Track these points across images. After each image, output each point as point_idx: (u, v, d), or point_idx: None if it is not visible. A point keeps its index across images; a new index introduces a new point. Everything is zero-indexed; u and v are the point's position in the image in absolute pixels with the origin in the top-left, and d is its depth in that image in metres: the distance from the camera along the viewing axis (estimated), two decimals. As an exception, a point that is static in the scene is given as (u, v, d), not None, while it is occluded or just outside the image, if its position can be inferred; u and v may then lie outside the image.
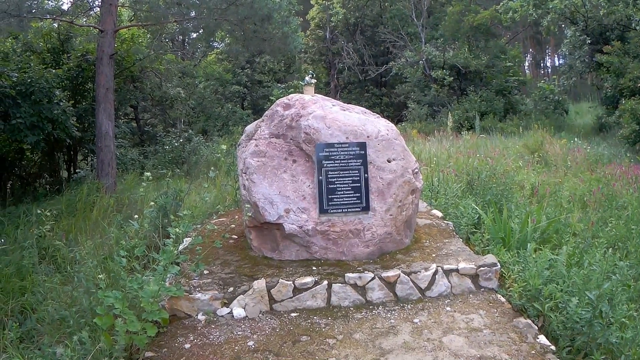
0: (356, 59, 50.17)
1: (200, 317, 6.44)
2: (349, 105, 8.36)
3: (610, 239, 8.40)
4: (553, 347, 5.64)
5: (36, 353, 5.29)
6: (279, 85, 31.25)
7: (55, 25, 19.80)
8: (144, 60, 22.44)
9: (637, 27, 25.68)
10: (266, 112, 8.20)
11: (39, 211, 8.59)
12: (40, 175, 18.21)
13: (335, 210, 7.33)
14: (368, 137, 7.54)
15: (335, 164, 7.40)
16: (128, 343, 5.36)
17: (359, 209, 7.41)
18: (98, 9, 19.08)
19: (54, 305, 6.10)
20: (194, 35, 36.19)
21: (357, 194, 7.38)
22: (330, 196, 7.32)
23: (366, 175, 7.43)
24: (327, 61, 54.13)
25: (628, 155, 18.09)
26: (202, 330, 6.14)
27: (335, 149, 7.41)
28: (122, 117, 26.62)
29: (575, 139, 21.53)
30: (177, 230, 5.94)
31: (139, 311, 5.53)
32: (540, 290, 6.33)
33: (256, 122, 8.36)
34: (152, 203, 8.38)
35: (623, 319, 5.43)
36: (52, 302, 6.23)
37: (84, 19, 22.49)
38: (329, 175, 7.40)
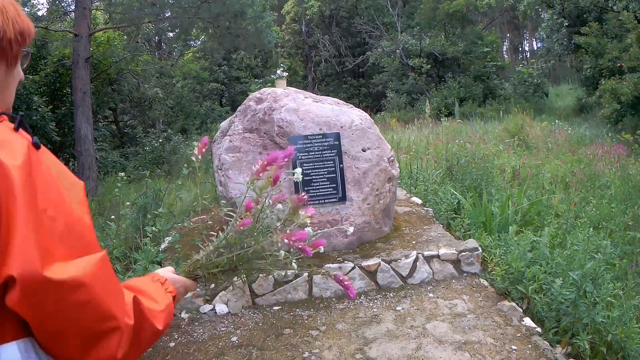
0: (333, 51, 50.26)
1: (184, 315, 6.40)
2: (322, 96, 8.31)
3: (593, 218, 8.40)
4: (539, 329, 5.61)
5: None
6: (257, 80, 31.30)
7: (32, 31, 19.75)
8: (120, 62, 22.41)
9: (614, 7, 25.72)
10: (239, 107, 8.15)
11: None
12: (23, 183, 18.11)
13: (312, 202, 7.21)
14: (342, 127, 7.50)
15: (310, 156, 7.36)
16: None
17: (335, 200, 7.38)
18: (73, 13, 19.04)
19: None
20: (171, 35, 36.18)
21: (333, 185, 7.34)
22: (306, 188, 7.25)
23: (341, 165, 7.39)
24: (303, 54, 54.25)
25: (610, 135, 18.12)
26: (186, 328, 6.12)
27: (309, 141, 7.36)
28: (102, 120, 26.61)
29: (556, 121, 21.60)
30: (154, 228, 5.91)
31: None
32: (524, 272, 6.29)
33: (230, 118, 8.33)
34: (128, 203, 8.34)
35: (609, 298, 5.40)
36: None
37: (60, 24, 22.41)
38: (304, 167, 7.34)
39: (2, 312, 1.52)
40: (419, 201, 9.87)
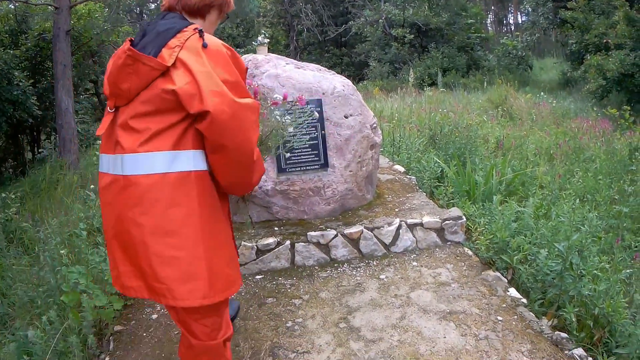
0: (315, 20, 50.34)
1: (167, 286, 6.30)
2: (304, 63, 8.18)
3: (578, 190, 8.38)
4: (524, 300, 5.56)
5: (9, 338, 5.17)
6: (239, 50, 31.25)
7: (12, 6, 19.67)
8: (101, 33, 22.27)
9: (602, -16, 25.81)
10: (220, 74, 8.05)
11: (3, 195, 8.48)
12: (5, 160, 18.20)
13: (293, 169, 7.15)
14: (323, 94, 7.36)
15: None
16: (96, 318, 5.25)
17: (317, 167, 7.25)
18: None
19: (23, 288, 5.98)
20: (152, 6, 36.14)
21: (315, 152, 7.20)
22: (287, 155, 7.13)
23: (323, 132, 7.26)
24: (286, 24, 54.35)
25: (595, 109, 18.20)
26: (169, 300, 6.01)
27: (291, 107, 7.19)
28: (83, 93, 26.36)
29: (541, 94, 21.62)
30: None
31: (105, 285, 5.48)
32: (508, 242, 6.26)
33: (211, 85, 8.22)
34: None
35: (595, 271, 5.35)
36: (21, 284, 6.11)
37: (40, -2, 22.35)
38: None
39: (188, 131, 3.02)
40: (402, 169, 9.78)
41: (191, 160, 3.03)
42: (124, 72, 3.04)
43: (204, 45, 3.02)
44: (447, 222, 7.02)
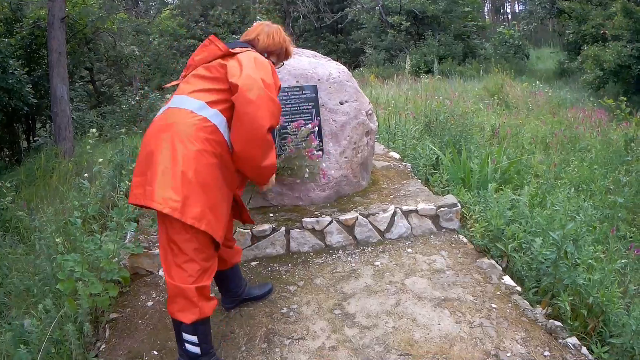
0: (311, 6, 49.91)
1: (162, 272, 6.24)
2: (299, 49, 8.14)
3: (573, 180, 8.38)
4: (519, 288, 5.57)
5: (5, 327, 5.15)
6: (235, 36, 31.12)
7: (7, -5, 19.62)
8: (95, 21, 22.23)
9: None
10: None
11: (-1, 184, 8.46)
12: (1, 148, 18.19)
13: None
14: (319, 80, 7.33)
15: (287, 109, 7.13)
16: (92, 306, 5.23)
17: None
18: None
19: (19, 276, 5.97)
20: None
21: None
22: (282, 141, 7.01)
23: (319, 118, 7.22)
24: (281, 10, 53.79)
25: (591, 99, 18.23)
26: (164, 287, 5.96)
27: (286, 94, 7.15)
28: (78, 81, 26.27)
29: (537, 83, 21.59)
30: (127, 182, 5.90)
31: (100, 272, 5.44)
32: (503, 230, 6.28)
33: (206, 71, 8.23)
34: (101, 160, 8.24)
35: (590, 261, 5.35)
36: (17, 273, 6.10)
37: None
38: (281, 120, 7.16)
39: (223, 101, 4.06)
40: (397, 156, 9.77)
41: (214, 117, 4.03)
42: (201, 49, 4.40)
43: (256, 57, 4.29)
44: (442, 209, 7.02)
